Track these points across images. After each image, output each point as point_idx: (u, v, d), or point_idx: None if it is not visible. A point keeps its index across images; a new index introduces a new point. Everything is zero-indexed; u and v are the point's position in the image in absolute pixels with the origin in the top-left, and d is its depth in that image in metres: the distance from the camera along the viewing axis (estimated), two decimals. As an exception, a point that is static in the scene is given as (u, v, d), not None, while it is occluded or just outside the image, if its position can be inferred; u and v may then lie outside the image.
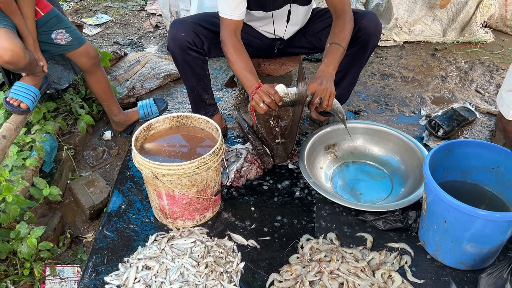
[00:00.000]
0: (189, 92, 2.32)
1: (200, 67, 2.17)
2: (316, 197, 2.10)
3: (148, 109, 2.60)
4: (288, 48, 2.32)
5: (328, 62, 1.97)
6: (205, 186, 1.85)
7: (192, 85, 2.25)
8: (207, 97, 2.33)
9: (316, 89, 1.89)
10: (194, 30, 2.07)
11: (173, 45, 2.07)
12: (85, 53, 2.26)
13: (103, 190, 2.24)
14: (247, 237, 1.90)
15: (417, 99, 2.97)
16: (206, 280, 1.66)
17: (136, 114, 2.62)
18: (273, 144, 2.26)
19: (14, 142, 2.09)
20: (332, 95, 1.92)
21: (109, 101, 2.50)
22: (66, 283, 1.85)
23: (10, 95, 2.12)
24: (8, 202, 1.71)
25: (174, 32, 2.06)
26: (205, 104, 2.35)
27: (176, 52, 2.09)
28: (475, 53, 3.58)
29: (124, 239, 1.91)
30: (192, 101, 2.36)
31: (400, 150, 2.24)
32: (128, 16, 4.48)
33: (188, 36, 2.05)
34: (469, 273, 1.73)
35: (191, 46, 2.07)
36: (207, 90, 2.31)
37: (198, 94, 2.29)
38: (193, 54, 2.10)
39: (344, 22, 1.99)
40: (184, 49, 2.07)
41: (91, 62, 2.31)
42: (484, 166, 1.84)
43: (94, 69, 2.34)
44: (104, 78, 2.42)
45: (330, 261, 1.71)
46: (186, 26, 2.07)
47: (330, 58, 1.97)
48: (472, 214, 1.51)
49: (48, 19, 2.13)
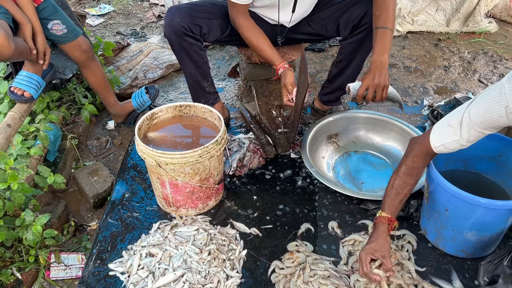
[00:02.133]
0: (188, 80, 2.31)
1: (197, 53, 2.17)
2: (318, 186, 2.11)
3: (140, 99, 2.61)
4: (291, 34, 2.30)
5: (378, 51, 1.92)
6: (208, 175, 1.86)
7: (190, 72, 2.25)
8: (207, 85, 2.32)
9: (369, 84, 1.89)
10: (189, 16, 2.07)
11: (169, 31, 2.08)
12: (78, 47, 2.25)
13: (107, 179, 2.26)
14: (249, 225, 1.92)
15: (419, 89, 2.97)
16: (208, 267, 1.68)
17: (131, 105, 2.63)
18: (276, 134, 2.27)
19: (18, 131, 2.10)
20: (386, 88, 1.92)
21: (105, 93, 2.51)
22: (70, 270, 1.87)
23: (14, 85, 2.13)
24: (13, 190, 1.72)
25: (170, 18, 2.07)
26: (205, 92, 2.34)
27: (172, 38, 2.09)
28: (479, 43, 3.57)
29: (127, 227, 1.94)
30: (191, 88, 2.35)
31: (402, 139, 2.25)
32: (130, 6, 4.47)
33: (184, 21, 2.05)
34: (470, 261, 1.74)
35: (186, 31, 2.07)
36: (206, 77, 2.30)
37: (197, 81, 2.28)
38: (189, 40, 2.10)
39: (383, 0, 1.95)
40: (180, 35, 2.07)
41: (84, 56, 2.30)
42: (486, 155, 1.85)
43: (88, 62, 2.34)
44: (99, 70, 2.42)
45: None
46: (181, 12, 2.07)
47: (379, 45, 1.92)
48: (473, 203, 1.52)
49: (44, 7, 2.12)
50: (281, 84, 2.10)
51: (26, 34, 1.98)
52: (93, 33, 3.82)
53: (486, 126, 1.34)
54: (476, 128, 1.36)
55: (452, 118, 1.43)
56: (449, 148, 1.47)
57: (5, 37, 1.76)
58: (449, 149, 1.47)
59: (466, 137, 1.39)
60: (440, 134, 1.47)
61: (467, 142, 1.42)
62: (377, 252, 1.52)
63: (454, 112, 1.44)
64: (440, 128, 1.48)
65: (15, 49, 1.82)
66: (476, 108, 1.35)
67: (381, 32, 1.92)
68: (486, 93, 1.33)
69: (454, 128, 1.42)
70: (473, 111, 1.35)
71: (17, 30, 1.98)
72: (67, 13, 2.51)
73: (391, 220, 1.59)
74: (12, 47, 1.80)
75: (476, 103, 1.35)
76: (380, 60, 1.91)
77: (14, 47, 1.81)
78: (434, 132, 1.49)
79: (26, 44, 1.97)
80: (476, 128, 1.36)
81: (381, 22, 1.93)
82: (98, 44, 2.87)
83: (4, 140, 1.92)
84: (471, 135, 1.39)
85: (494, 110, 1.28)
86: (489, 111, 1.30)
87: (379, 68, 1.90)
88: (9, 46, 1.79)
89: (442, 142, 1.47)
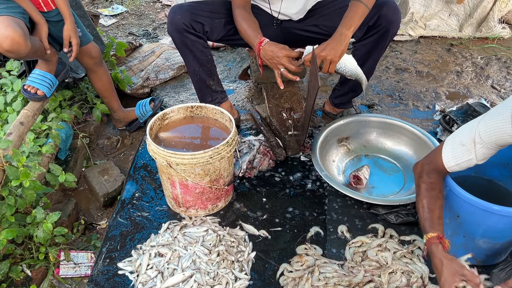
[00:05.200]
0: (192, 78, 2.31)
1: (201, 51, 2.17)
2: (328, 190, 2.11)
3: (143, 108, 2.63)
4: (296, 31, 2.26)
5: (345, 23, 1.86)
6: (218, 176, 1.86)
7: (194, 70, 2.24)
8: (212, 83, 2.31)
9: (317, 53, 1.84)
10: (190, 13, 2.08)
11: (171, 28, 2.10)
12: (88, 53, 2.27)
13: (117, 178, 2.27)
14: (258, 227, 1.92)
15: (431, 94, 2.95)
16: (217, 268, 1.68)
17: (134, 113, 2.64)
18: (286, 136, 2.27)
19: (31, 129, 2.12)
20: (333, 63, 1.87)
21: (110, 98, 2.53)
22: (80, 268, 1.88)
23: (27, 83, 2.15)
24: (25, 187, 1.73)
25: (172, 16, 2.09)
26: (211, 90, 2.33)
27: (174, 35, 2.11)
28: (492, 49, 3.53)
29: (137, 226, 1.94)
30: (196, 86, 2.35)
31: (414, 144, 2.23)
32: (143, 7, 4.50)
33: (185, 19, 2.06)
34: (481, 268, 1.72)
35: (188, 28, 2.08)
36: (211, 76, 2.29)
37: (202, 79, 2.28)
38: (191, 37, 2.11)
39: None
40: (181, 31, 2.08)
41: (93, 61, 2.33)
42: (499, 162, 1.82)
43: (95, 68, 2.36)
44: (106, 76, 2.44)
45: None
46: (182, 10, 2.09)
47: (348, 18, 1.86)
48: (485, 209, 1.50)
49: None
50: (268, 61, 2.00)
51: (42, 34, 2.01)
52: (105, 33, 3.84)
53: (497, 145, 1.34)
54: (488, 147, 1.36)
55: (465, 137, 1.41)
56: (462, 167, 1.45)
57: (22, 35, 1.80)
58: (463, 167, 1.46)
59: (481, 156, 1.39)
60: (454, 154, 1.45)
61: (481, 160, 1.41)
62: (456, 276, 1.38)
63: (466, 130, 1.42)
64: (453, 147, 1.45)
65: (31, 47, 1.85)
66: (485, 127, 1.34)
67: (355, 5, 1.85)
68: (495, 111, 1.33)
69: (467, 148, 1.40)
70: (482, 130, 1.35)
71: (33, 29, 2.01)
72: (80, 12, 2.54)
73: (440, 237, 1.46)
74: (29, 45, 1.84)
75: (485, 121, 1.35)
76: (341, 32, 1.85)
77: (30, 46, 1.84)
78: (447, 152, 1.47)
79: (41, 43, 2.00)
80: (488, 147, 1.36)
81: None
82: (111, 44, 2.88)
83: (17, 137, 1.94)
84: (485, 153, 1.38)
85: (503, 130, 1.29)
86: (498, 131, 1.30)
87: (336, 40, 1.85)
88: (26, 45, 1.82)
89: (456, 162, 1.45)
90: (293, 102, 2.48)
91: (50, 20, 2.06)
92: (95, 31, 2.70)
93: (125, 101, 2.80)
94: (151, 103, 2.65)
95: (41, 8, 2.03)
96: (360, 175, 2.08)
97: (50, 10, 2.06)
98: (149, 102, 2.65)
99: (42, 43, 2.00)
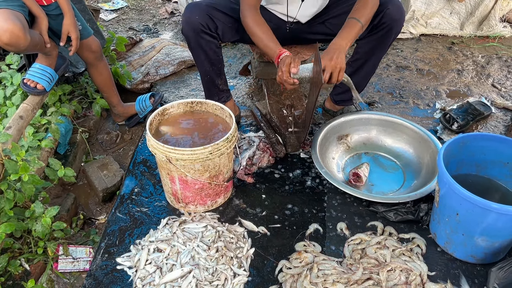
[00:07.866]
0: (202, 77, 2.31)
1: (214, 51, 2.16)
2: (328, 187, 2.10)
3: (143, 103, 2.62)
4: (304, 33, 2.29)
5: (343, 36, 1.93)
6: (218, 172, 1.86)
7: (205, 70, 2.24)
8: (220, 83, 2.32)
9: (327, 65, 1.88)
10: (208, 13, 2.06)
11: (187, 28, 2.07)
12: (88, 46, 2.26)
13: (116, 174, 2.27)
14: (257, 223, 1.91)
15: (432, 92, 2.94)
16: (216, 264, 1.68)
17: (133, 108, 2.63)
18: (286, 133, 2.27)
19: (30, 123, 2.11)
20: (342, 70, 1.91)
21: (110, 93, 2.52)
22: (78, 263, 1.88)
23: (27, 77, 2.15)
24: (24, 181, 1.73)
25: (188, 15, 2.06)
26: (218, 90, 2.34)
27: (190, 35, 2.08)
28: (493, 48, 3.53)
29: (136, 221, 1.94)
30: (205, 86, 2.35)
31: (414, 142, 2.23)
32: (143, 2, 4.49)
33: (202, 19, 2.04)
34: (480, 266, 1.72)
35: (204, 29, 2.06)
36: (220, 75, 2.30)
37: (211, 79, 2.28)
38: (207, 37, 2.09)
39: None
40: (198, 32, 2.06)
41: (93, 56, 2.31)
42: (499, 161, 1.83)
43: (96, 62, 2.35)
44: (106, 71, 2.43)
45: None
46: (200, 9, 2.06)
47: (345, 32, 1.94)
48: (485, 207, 1.50)
49: None
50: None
51: (42, 27, 1.99)
52: (106, 28, 3.83)
53: None
54: None
55: None
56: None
57: (22, 29, 1.78)
58: None
59: None
60: None
61: None
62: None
63: None
64: None
65: (30, 41, 1.84)
66: None
67: (353, 22, 1.94)
68: None
69: None
70: None
71: (33, 23, 2.00)
72: (81, 7, 2.53)
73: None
74: (28, 39, 1.82)
75: None
76: (340, 43, 1.91)
77: (30, 39, 1.83)
78: None
79: (41, 37, 1.99)
80: None
81: (356, 14, 1.95)
82: (111, 39, 2.87)
83: (16, 131, 1.93)
84: None
85: None
86: None
87: (338, 50, 1.89)
88: (25, 38, 1.81)
89: None
90: (294, 99, 2.48)
91: (50, 14, 2.05)
92: (95, 26, 2.70)
93: (125, 96, 2.79)
94: (151, 99, 2.64)
95: (40, 2, 2.01)
96: (360, 173, 2.08)
97: (50, 3, 2.05)
98: (149, 97, 2.64)
99: (42, 36, 1.99)
